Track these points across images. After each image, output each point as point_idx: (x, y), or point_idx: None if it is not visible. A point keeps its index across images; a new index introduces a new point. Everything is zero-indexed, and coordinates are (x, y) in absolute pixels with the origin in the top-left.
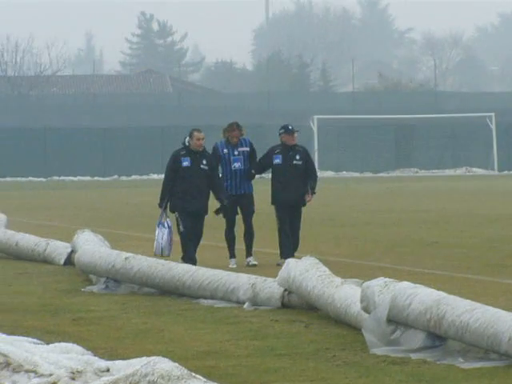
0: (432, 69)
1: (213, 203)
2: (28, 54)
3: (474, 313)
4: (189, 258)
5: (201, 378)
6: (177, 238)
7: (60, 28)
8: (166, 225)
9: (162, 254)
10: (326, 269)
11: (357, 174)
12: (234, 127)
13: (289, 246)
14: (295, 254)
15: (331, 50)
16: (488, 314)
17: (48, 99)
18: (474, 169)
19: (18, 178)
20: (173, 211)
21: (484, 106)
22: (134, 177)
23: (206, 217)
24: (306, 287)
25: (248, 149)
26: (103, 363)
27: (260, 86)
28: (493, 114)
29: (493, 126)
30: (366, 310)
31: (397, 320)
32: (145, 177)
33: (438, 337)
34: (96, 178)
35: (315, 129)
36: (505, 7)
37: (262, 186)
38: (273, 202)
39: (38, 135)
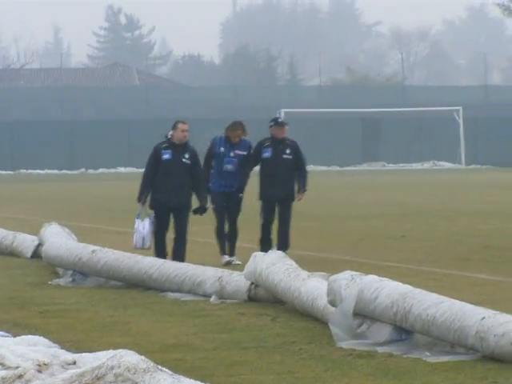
0: (399, 63)
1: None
2: None
3: (440, 306)
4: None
5: (167, 370)
6: None
7: (27, 21)
8: (146, 216)
9: (142, 247)
10: (293, 262)
11: (324, 168)
12: (238, 126)
13: (268, 244)
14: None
15: (298, 43)
16: (455, 307)
17: (15, 92)
18: (442, 162)
19: None
20: (151, 207)
21: (451, 100)
22: (101, 170)
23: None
24: (273, 280)
25: (245, 153)
26: (70, 356)
27: (227, 79)
28: (460, 107)
29: (460, 120)
30: (333, 303)
31: (363, 313)
32: (112, 170)
33: (404, 330)
34: (63, 171)
35: None
36: (472, 0)
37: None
38: (260, 198)
39: (5, 128)
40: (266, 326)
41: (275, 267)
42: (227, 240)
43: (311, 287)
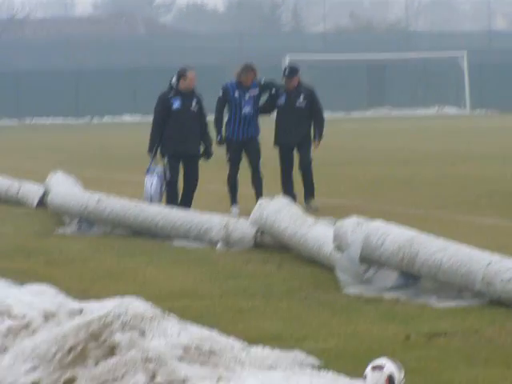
0: (403, 9)
1: None
2: None
3: (447, 251)
4: None
5: (174, 318)
6: None
7: None
8: (154, 172)
9: (152, 202)
10: (299, 208)
11: (329, 114)
12: (250, 69)
13: (290, 192)
14: (313, 198)
15: None
16: (461, 252)
17: (20, 43)
18: (446, 107)
19: None
20: (163, 155)
21: (456, 46)
22: (106, 118)
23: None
24: (279, 227)
25: (257, 91)
26: (76, 305)
27: (231, 26)
28: (464, 52)
29: (464, 65)
30: (339, 249)
31: (370, 259)
32: (117, 117)
33: (411, 275)
34: (69, 120)
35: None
36: None
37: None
38: (275, 144)
39: (10, 78)
40: (272, 273)
41: (281, 213)
42: (254, 189)
43: (317, 233)
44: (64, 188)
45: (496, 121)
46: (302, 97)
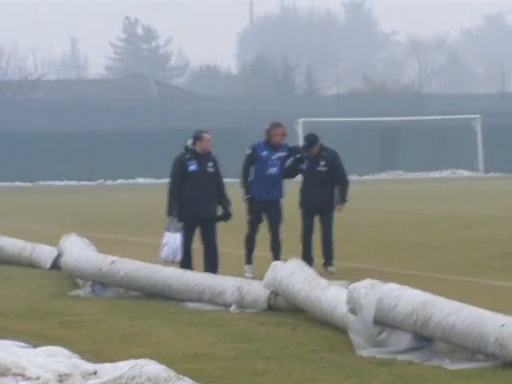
0: (417, 71)
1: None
2: (13, 59)
3: (460, 314)
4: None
5: (188, 380)
6: None
7: (45, 32)
8: (177, 231)
9: (173, 260)
10: (312, 271)
11: None
12: (279, 125)
13: (308, 255)
14: (331, 264)
15: (316, 53)
16: (474, 314)
17: (33, 104)
18: (460, 171)
19: (4, 183)
20: (180, 220)
21: (469, 108)
22: (119, 181)
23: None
24: (293, 289)
25: (285, 154)
26: (90, 366)
27: (245, 89)
28: (478, 115)
29: (478, 128)
30: (353, 311)
31: (383, 321)
32: (131, 181)
33: (424, 338)
34: (82, 183)
35: (300, 132)
36: (489, 9)
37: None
38: (299, 206)
39: (23, 140)
40: (286, 335)
41: (294, 276)
42: (271, 251)
43: (331, 296)
44: (77, 250)
45: (509, 183)
46: (323, 162)
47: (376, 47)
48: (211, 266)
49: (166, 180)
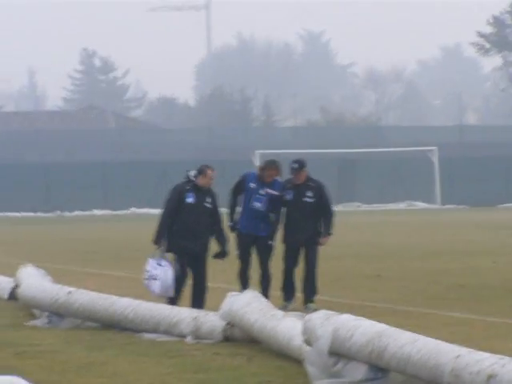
0: (374, 103)
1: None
2: None
3: (415, 344)
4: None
5: None
6: None
7: (2, 64)
8: (165, 263)
9: (166, 295)
10: (268, 302)
11: None
12: (273, 166)
13: (290, 286)
14: (313, 300)
15: (273, 84)
16: (430, 345)
17: None
18: (417, 202)
19: None
20: (169, 251)
21: (426, 140)
22: (76, 212)
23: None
24: (249, 320)
25: (277, 193)
26: None
27: (202, 121)
28: (435, 147)
29: (435, 160)
30: (308, 342)
31: (339, 352)
32: (87, 212)
33: (380, 369)
34: (39, 214)
35: (257, 164)
36: (446, 40)
37: None
38: (283, 241)
39: None
40: (241, 366)
41: (250, 307)
42: (261, 285)
43: (287, 327)
44: (34, 281)
45: (465, 215)
46: (309, 193)
47: (333, 79)
48: (198, 300)
49: (123, 212)
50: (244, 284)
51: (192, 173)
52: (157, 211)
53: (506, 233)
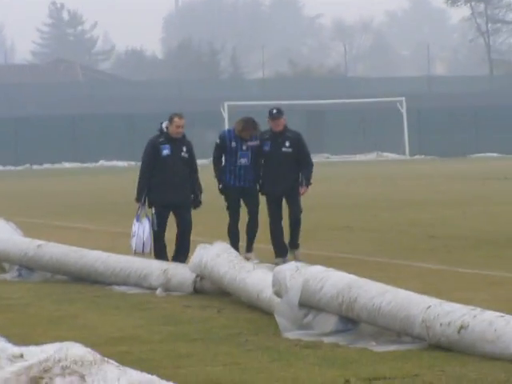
0: (342, 55)
1: None
2: None
3: (386, 296)
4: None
5: (114, 362)
6: None
7: None
8: (144, 220)
9: (142, 251)
10: (238, 254)
11: None
12: (251, 126)
13: (281, 243)
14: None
15: (241, 36)
16: (400, 296)
17: None
18: (386, 153)
19: None
20: (150, 206)
21: (395, 91)
22: (45, 165)
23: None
24: (218, 272)
25: (257, 142)
26: (17, 349)
27: (170, 73)
28: (403, 98)
29: (403, 111)
30: (278, 294)
31: (309, 304)
32: (57, 165)
33: (350, 320)
34: (8, 167)
35: (226, 115)
36: None
37: None
38: (262, 193)
39: None
40: (211, 318)
41: (220, 259)
42: (246, 234)
43: (257, 278)
44: (4, 234)
45: (435, 166)
46: (287, 142)
47: (301, 31)
48: (181, 254)
49: (92, 164)
50: (234, 239)
51: (164, 124)
52: (125, 163)
53: (476, 183)
